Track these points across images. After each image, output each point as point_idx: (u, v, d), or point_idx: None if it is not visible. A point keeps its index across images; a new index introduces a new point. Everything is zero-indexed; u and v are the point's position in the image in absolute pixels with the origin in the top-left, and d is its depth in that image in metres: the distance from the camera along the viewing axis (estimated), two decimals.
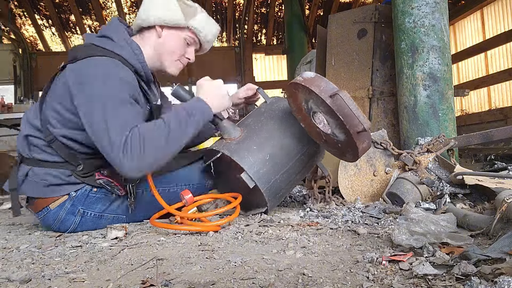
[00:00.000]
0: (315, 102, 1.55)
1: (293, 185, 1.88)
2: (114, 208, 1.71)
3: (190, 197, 1.65)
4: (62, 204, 1.64)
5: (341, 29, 2.96)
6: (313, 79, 1.53)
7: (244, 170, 1.65)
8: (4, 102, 4.84)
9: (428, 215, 1.35)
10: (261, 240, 1.41)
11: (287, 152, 1.75)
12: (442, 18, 2.36)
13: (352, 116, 1.46)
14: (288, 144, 1.75)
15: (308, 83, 1.52)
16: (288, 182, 1.79)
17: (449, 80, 2.38)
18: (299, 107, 1.69)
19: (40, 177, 1.63)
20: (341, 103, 1.45)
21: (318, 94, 1.48)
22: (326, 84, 1.50)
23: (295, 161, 1.77)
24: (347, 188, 2.18)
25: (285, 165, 1.74)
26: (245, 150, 1.69)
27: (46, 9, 8.84)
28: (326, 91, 1.49)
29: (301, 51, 7.27)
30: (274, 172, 1.71)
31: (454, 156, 2.29)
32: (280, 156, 1.73)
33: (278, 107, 1.85)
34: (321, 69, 3.17)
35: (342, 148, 1.64)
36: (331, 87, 1.49)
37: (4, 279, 1.08)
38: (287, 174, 1.76)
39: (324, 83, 1.51)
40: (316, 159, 1.91)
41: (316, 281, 0.97)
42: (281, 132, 1.76)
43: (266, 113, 1.84)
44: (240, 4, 9.34)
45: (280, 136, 1.75)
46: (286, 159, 1.74)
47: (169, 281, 1.00)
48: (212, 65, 9.51)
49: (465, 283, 0.85)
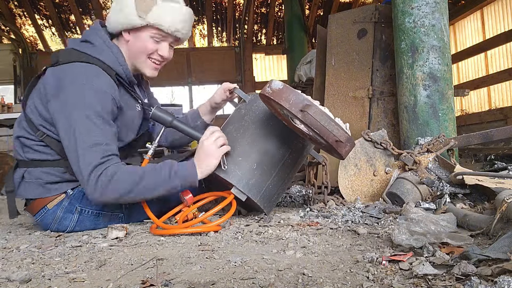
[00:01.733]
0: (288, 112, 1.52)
1: (288, 182, 1.85)
2: (111, 205, 1.71)
3: (190, 197, 1.65)
4: (59, 203, 1.65)
5: (341, 29, 2.96)
6: (281, 91, 1.46)
7: (233, 185, 1.63)
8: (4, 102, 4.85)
9: (428, 215, 1.35)
10: (261, 240, 1.41)
11: (274, 155, 1.69)
12: (442, 18, 2.36)
13: (325, 131, 1.42)
14: (273, 148, 1.69)
15: (276, 96, 1.46)
16: (282, 183, 1.76)
17: (449, 80, 2.38)
18: (277, 112, 1.67)
19: (36, 177, 1.64)
20: (312, 119, 1.41)
21: (288, 109, 1.44)
22: (296, 97, 1.44)
23: (284, 162, 1.72)
24: (347, 188, 2.18)
25: (275, 168, 1.70)
26: (231, 164, 1.64)
27: (46, 9, 8.83)
28: (296, 104, 1.43)
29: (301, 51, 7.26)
30: (264, 179, 1.67)
31: (454, 156, 2.29)
32: (267, 161, 1.68)
33: (258, 107, 1.77)
34: (321, 69, 3.17)
35: (327, 147, 1.61)
36: (300, 99, 1.43)
37: (4, 279, 1.08)
38: (278, 176, 1.72)
39: (293, 95, 1.44)
40: (306, 151, 1.86)
41: (316, 281, 0.97)
42: (265, 136, 1.70)
43: (246, 115, 1.76)
44: (240, 4, 9.34)
45: (264, 140, 1.69)
46: (275, 162, 1.70)
47: (169, 281, 1.00)
48: (212, 65, 9.52)
49: (465, 283, 0.85)
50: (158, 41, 1.69)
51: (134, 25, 1.63)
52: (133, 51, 1.69)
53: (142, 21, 1.61)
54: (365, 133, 2.24)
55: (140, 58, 1.70)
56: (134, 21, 1.62)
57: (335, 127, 1.43)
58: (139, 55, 1.69)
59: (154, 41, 1.68)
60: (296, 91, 1.50)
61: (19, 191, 1.67)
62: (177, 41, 1.75)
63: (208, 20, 9.42)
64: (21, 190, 1.67)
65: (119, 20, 1.64)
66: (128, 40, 1.68)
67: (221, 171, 1.64)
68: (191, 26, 1.76)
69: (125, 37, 1.68)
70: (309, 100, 1.45)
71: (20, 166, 1.68)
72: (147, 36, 1.66)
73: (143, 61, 1.71)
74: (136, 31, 1.65)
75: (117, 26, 1.66)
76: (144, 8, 1.60)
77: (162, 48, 1.71)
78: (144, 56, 1.69)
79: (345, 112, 2.87)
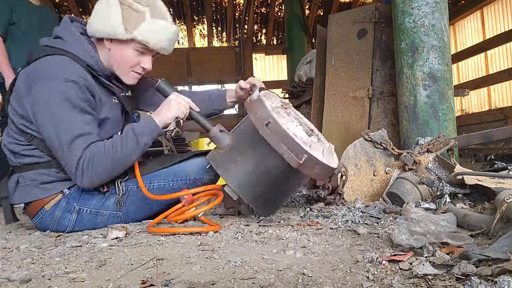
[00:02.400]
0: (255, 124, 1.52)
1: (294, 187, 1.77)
2: (109, 204, 1.71)
3: (189, 197, 1.65)
4: (57, 203, 1.65)
5: (341, 29, 2.96)
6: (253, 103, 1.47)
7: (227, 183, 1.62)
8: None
9: (428, 215, 1.35)
10: (261, 240, 1.41)
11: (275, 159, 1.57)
12: (442, 18, 2.36)
13: (280, 150, 1.42)
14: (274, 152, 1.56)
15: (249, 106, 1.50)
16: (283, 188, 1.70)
17: (449, 80, 2.38)
18: None
19: (30, 179, 1.65)
20: (271, 137, 1.41)
21: (254, 122, 1.46)
22: (262, 112, 1.44)
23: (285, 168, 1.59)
24: (347, 188, 2.18)
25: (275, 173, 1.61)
26: (230, 162, 1.63)
27: None
28: (261, 119, 1.44)
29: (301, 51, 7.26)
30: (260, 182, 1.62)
31: (454, 156, 2.29)
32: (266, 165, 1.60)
33: None
34: (321, 69, 3.17)
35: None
36: (266, 115, 1.42)
37: (4, 279, 1.08)
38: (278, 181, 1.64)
39: (261, 109, 1.43)
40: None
41: (316, 281, 0.97)
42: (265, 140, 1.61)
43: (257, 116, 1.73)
44: (240, 4, 9.33)
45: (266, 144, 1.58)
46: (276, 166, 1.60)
47: (169, 281, 1.00)
48: (212, 65, 9.52)
49: (465, 283, 0.85)
50: (141, 54, 1.66)
51: (119, 37, 1.59)
52: (114, 60, 1.66)
53: (129, 34, 1.57)
54: (365, 133, 2.23)
55: (122, 69, 1.68)
56: (120, 34, 1.58)
57: (295, 146, 1.43)
58: (120, 66, 1.67)
59: (138, 54, 1.65)
60: (266, 107, 1.50)
61: (15, 197, 1.67)
62: (158, 54, 1.74)
63: (208, 20, 9.42)
64: (17, 195, 1.67)
65: (103, 28, 1.59)
66: (109, 49, 1.64)
67: (219, 168, 1.64)
68: (175, 43, 1.75)
69: (106, 45, 1.64)
70: (273, 118, 1.44)
71: (14, 172, 1.69)
72: (130, 50, 1.63)
73: (125, 73, 1.70)
74: (120, 42, 1.61)
75: (99, 32, 1.62)
76: (132, 22, 1.56)
77: (145, 61, 1.68)
78: (128, 69, 1.68)
79: (345, 112, 2.87)
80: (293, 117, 1.71)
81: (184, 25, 9.42)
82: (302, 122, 1.75)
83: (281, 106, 1.71)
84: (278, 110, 1.65)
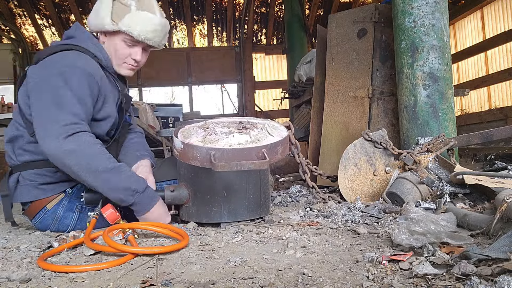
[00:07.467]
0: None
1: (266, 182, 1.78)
2: None
3: (111, 213, 1.49)
4: (59, 202, 1.66)
5: (341, 29, 2.96)
6: (185, 152, 1.53)
7: (220, 222, 1.64)
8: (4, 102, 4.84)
9: (428, 214, 1.35)
10: (261, 240, 1.41)
11: (236, 173, 1.65)
12: (442, 17, 2.36)
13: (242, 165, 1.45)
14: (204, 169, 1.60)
15: (184, 157, 1.54)
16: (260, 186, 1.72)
17: (449, 80, 2.38)
18: None
19: (29, 179, 1.65)
20: (223, 165, 1.43)
21: (201, 166, 1.51)
22: (200, 152, 1.49)
23: (250, 178, 1.69)
24: (347, 187, 2.18)
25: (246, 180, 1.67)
26: (204, 206, 1.63)
27: (46, 8, 8.83)
28: (204, 159, 1.49)
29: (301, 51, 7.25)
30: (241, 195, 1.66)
31: (454, 155, 2.29)
32: (233, 180, 1.65)
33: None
34: (321, 68, 3.17)
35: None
36: (204, 152, 1.48)
37: (4, 278, 1.08)
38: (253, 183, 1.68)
39: (197, 151, 1.49)
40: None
41: (316, 281, 0.97)
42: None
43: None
44: (240, 3, 9.33)
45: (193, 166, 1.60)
46: (242, 177, 1.67)
47: (169, 281, 1.00)
48: (212, 64, 9.51)
49: (465, 283, 0.85)
50: (130, 46, 1.72)
51: (107, 30, 1.68)
52: (110, 53, 1.74)
53: (115, 26, 1.66)
54: (365, 133, 2.24)
55: (115, 61, 1.75)
56: (107, 26, 1.66)
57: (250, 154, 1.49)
58: (114, 58, 1.74)
59: (127, 45, 1.71)
60: (197, 146, 1.52)
61: (16, 195, 1.68)
62: (150, 47, 1.77)
63: (208, 20, 9.41)
64: (17, 194, 1.67)
65: (95, 22, 1.70)
66: (103, 42, 1.74)
67: (203, 218, 1.64)
68: (165, 36, 1.78)
69: (101, 39, 1.75)
70: (214, 148, 1.48)
71: (14, 171, 1.69)
72: (119, 41, 1.70)
73: (119, 64, 1.76)
74: (110, 35, 1.71)
75: (94, 27, 1.72)
76: (118, 14, 1.65)
77: (135, 52, 1.73)
78: (120, 60, 1.75)
79: (345, 111, 2.87)
80: (211, 128, 1.68)
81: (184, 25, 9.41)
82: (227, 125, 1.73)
83: (199, 126, 1.71)
84: (191, 132, 1.67)
